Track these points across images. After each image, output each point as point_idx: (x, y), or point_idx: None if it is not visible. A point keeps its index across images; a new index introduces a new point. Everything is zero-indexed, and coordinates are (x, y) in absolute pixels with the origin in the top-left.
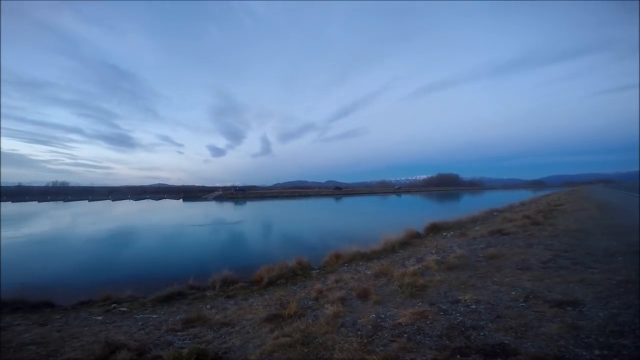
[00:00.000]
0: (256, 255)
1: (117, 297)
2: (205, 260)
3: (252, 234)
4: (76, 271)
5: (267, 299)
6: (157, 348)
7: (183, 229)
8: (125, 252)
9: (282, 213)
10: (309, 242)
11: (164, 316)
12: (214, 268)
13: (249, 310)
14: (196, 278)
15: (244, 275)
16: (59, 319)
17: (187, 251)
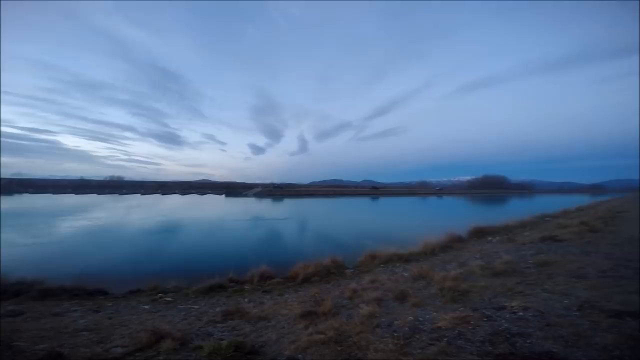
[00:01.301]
0: (292, 251)
1: (163, 288)
2: (244, 254)
3: (288, 231)
4: (128, 261)
5: (301, 295)
6: (198, 338)
7: (224, 223)
8: (172, 244)
9: (318, 211)
10: (343, 241)
11: (205, 307)
12: (252, 262)
13: (284, 305)
14: (235, 271)
15: (280, 271)
16: (111, 306)
17: (228, 245)
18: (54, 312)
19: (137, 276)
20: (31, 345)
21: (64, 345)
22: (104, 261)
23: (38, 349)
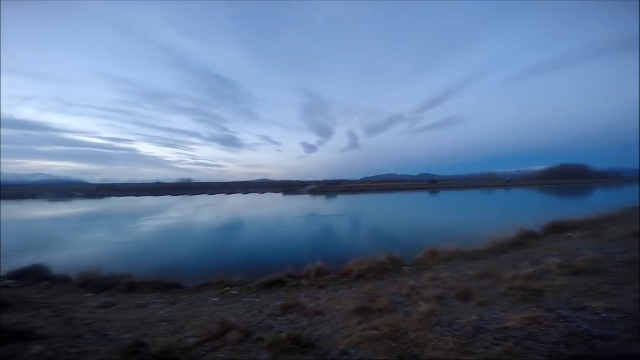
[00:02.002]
0: (346, 248)
1: (230, 282)
2: (301, 250)
3: (342, 227)
4: (198, 256)
5: (355, 291)
6: (260, 330)
7: (282, 220)
8: (236, 240)
9: (372, 207)
10: (400, 237)
11: (266, 301)
12: (308, 258)
13: (338, 301)
14: (293, 267)
15: (334, 267)
16: (185, 299)
17: (286, 241)
18: (138, 304)
19: (207, 270)
20: (120, 335)
21: (147, 335)
22: (178, 257)
23: (125, 338)
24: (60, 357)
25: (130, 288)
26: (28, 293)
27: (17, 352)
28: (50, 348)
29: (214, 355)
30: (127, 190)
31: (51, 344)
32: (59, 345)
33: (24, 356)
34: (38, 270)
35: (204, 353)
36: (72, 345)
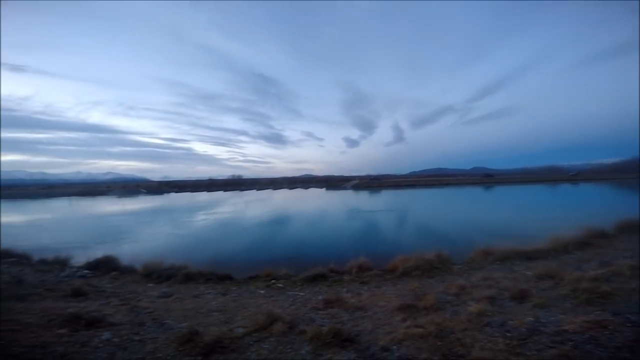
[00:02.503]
0: (390, 244)
1: (276, 275)
2: (344, 245)
3: (386, 223)
4: (248, 249)
5: (400, 288)
6: (302, 323)
7: (326, 215)
8: (283, 234)
9: (419, 202)
10: (449, 235)
11: (309, 295)
12: (351, 254)
13: (381, 297)
14: (336, 262)
15: (378, 263)
16: (235, 290)
17: (329, 236)
18: (193, 294)
19: (255, 263)
20: (176, 323)
21: (200, 324)
22: (229, 249)
23: (181, 326)
24: (124, 344)
25: (187, 279)
26: (100, 282)
27: (90, 338)
28: (117, 335)
29: (259, 345)
30: (184, 186)
31: (118, 331)
32: (125, 332)
33: (95, 342)
34: (109, 261)
35: (251, 343)
36: (135, 332)
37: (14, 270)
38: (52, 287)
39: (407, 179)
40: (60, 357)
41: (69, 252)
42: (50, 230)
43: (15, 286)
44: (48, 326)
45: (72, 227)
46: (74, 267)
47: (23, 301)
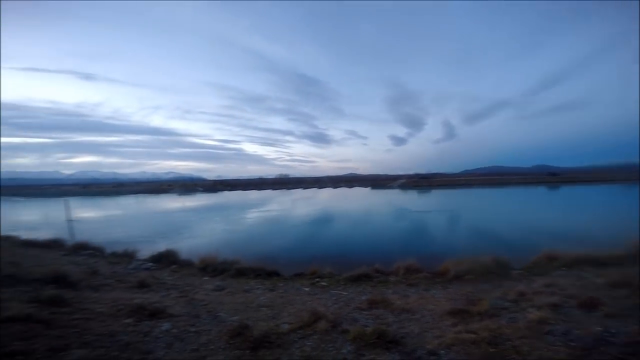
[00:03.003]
0: (441, 246)
1: (320, 273)
2: (390, 246)
3: (436, 224)
4: (294, 246)
5: (451, 292)
6: (346, 322)
7: (371, 214)
8: (327, 232)
9: (473, 203)
10: (508, 238)
11: (352, 294)
12: (397, 255)
13: (430, 300)
14: (381, 263)
15: (427, 265)
16: (282, 286)
17: (374, 236)
18: (244, 288)
19: (301, 260)
20: (228, 316)
21: (249, 318)
22: (277, 245)
23: (232, 320)
24: (182, 335)
25: (239, 273)
26: (161, 275)
27: (152, 328)
28: (175, 326)
29: (303, 342)
30: (236, 185)
31: (176, 322)
32: (182, 324)
33: (156, 332)
34: (170, 255)
35: (295, 340)
36: (192, 324)
37: (90, 261)
38: (121, 279)
39: (460, 177)
40: (125, 346)
41: (135, 246)
42: (121, 225)
43: (90, 277)
44: (116, 316)
45: (139, 222)
46: (139, 260)
47: (97, 291)
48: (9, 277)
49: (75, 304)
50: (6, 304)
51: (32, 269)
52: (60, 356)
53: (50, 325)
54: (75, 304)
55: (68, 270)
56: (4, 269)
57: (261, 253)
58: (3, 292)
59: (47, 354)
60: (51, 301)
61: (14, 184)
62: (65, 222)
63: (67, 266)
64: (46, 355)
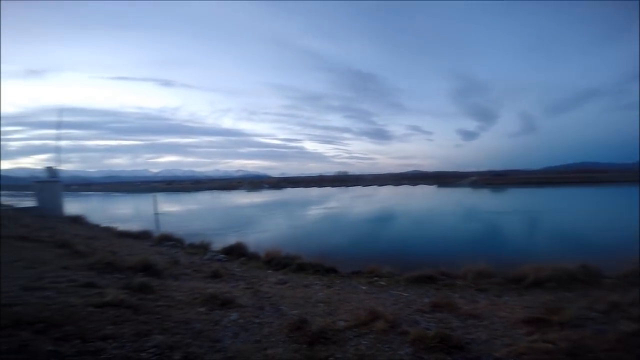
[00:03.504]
0: (517, 250)
1: (379, 272)
2: (458, 248)
3: (513, 225)
4: (352, 243)
5: (527, 299)
6: (405, 324)
7: (436, 214)
8: (387, 231)
9: (557, 203)
10: (600, 243)
11: (413, 296)
12: (466, 258)
13: (502, 307)
14: (448, 265)
15: (500, 270)
16: (339, 283)
17: (440, 236)
18: (303, 283)
19: (359, 258)
20: (289, 310)
21: (308, 313)
22: (335, 242)
23: (292, 313)
24: (247, 325)
25: (299, 268)
26: (231, 266)
27: (221, 317)
28: (242, 316)
29: (358, 340)
30: (297, 182)
31: (243, 313)
32: (248, 315)
33: (225, 322)
34: (239, 248)
35: (351, 337)
36: (256, 315)
37: (172, 252)
38: (197, 268)
39: (541, 175)
40: (198, 333)
41: (209, 238)
42: (197, 219)
43: (172, 266)
44: (192, 304)
45: (213, 216)
46: (213, 252)
47: (177, 280)
48: (108, 264)
49: (159, 291)
50: (104, 290)
51: (125, 258)
52: (143, 341)
53: (137, 311)
54: (159, 291)
55: (154, 260)
56: (105, 258)
57: (320, 249)
58: (104, 278)
59: (132, 339)
60: (140, 288)
61: (112, 181)
62: (152, 216)
63: (154, 256)
64: (132, 339)
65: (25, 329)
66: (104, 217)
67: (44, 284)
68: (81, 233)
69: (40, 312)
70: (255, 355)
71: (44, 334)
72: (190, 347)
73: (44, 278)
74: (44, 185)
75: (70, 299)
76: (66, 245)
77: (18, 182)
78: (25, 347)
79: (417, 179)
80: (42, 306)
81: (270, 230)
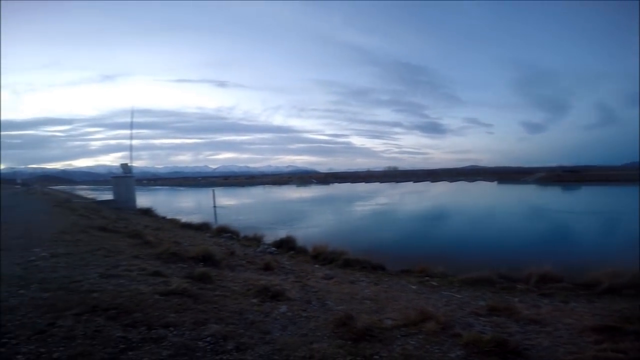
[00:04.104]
0: (590, 253)
1: (430, 272)
2: (520, 249)
3: (587, 227)
4: (401, 241)
5: (598, 307)
6: (458, 326)
7: (497, 213)
8: (440, 229)
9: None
10: None
11: (467, 298)
12: (530, 260)
13: (568, 313)
14: (508, 267)
15: (568, 274)
16: (387, 281)
17: (501, 237)
18: (350, 279)
19: (408, 256)
20: (335, 305)
21: (353, 309)
22: (383, 239)
23: (338, 309)
24: (295, 319)
25: (346, 264)
26: (281, 259)
27: (272, 309)
28: (290, 309)
29: (406, 340)
30: (345, 177)
31: (291, 306)
32: (296, 308)
33: (275, 314)
34: (289, 241)
35: (398, 337)
36: (304, 309)
37: (228, 243)
38: (251, 260)
39: (623, 171)
40: (250, 324)
41: (262, 231)
42: (251, 212)
43: (229, 257)
44: (246, 295)
45: (265, 210)
46: (265, 244)
47: (233, 270)
48: (173, 254)
49: (217, 281)
50: (169, 279)
51: (188, 248)
52: (200, 330)
53: (197, 300)
54: (217, 281)
55: (213, 251)
56: (171, 248)
57: (367, 246)
58: (169, 267)
59: (191, 327)
60: (201, 278)
61: (176, 176)
62: (211, 209)
63: (212, 247)
64: (190, 327)
65: (100, 315)
66: (169, 210)
67: (119, 271)
68: (150, 224)
69: (114, 299)
70: (301, 348)
71: (115, 320)
72: (242, 337)
73: (118, 266)
74: (120, 180)
75: (140, 286)
76: (138, 235)
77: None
78: (99, 333)
79: (475, 175)
80: (116, 293)
81: (318, 225)
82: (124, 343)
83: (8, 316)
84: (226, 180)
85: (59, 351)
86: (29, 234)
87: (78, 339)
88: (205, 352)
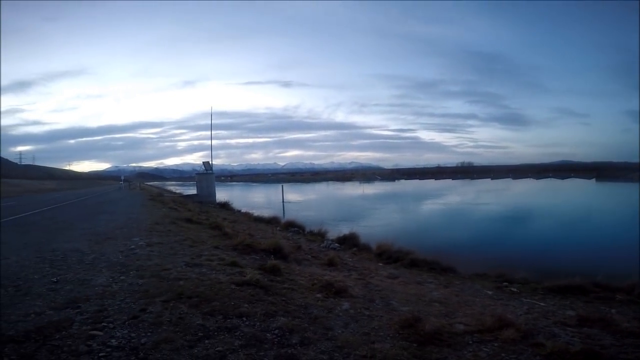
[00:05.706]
0: None
1: (510, 277)
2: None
3: None
4: (475, 243)
5: None
6: (540, 336)
7: (594, 214)
8: (522, 232)
9: None
10: None
11: (553, 307)
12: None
13: None
14: (605, 275)
15: None
16: (458, 284)
17: (597, 242)
18: (416, 280)
19: (483, 260)
20: (400, 306)
21: (420, 311)
22: (454, 240)
23: (403, 310)
24: (357, 317)
25: (412, 264)
26: (344, 256)
27: (335, 305)
28: (353, 307)
29: (479, 347)
30: (412, 173)
31: (354, 303)
32: (359, 306)
33: (337, 310)
34: (352, 238)
35: (470, 342)
36: (366, 307)
37: (295, 237)
38: (316, 255)
39: None
40: (314, 319)
41: (325, 227)
42: (316, 208)
43: (296, 251)
44: (311, 289)
45: (329, 205)
46: (329, 240)
47: (299, 264)
48: (248, 246)
49: (286, 274)
50: (244, 270)
51: (260, 241)
52: (269, 322)
53: (268, 292)
54: (285, 274)
55: (282, 244)
56: (245, 240)
57: (436, 246)
58: (244, 258)
59: (262, 318)
60: (271, 270)
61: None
62: (280, 203)
63: (281, 240)
64: (261, 319)
65: (185, 302)
66: (243, 204)
67: (201, 261)
68: (227, 217)
69: (197, 287)
70: (363, 347)
71: (197, 307)
72: (307, 332)
73: (201, 256)
74: (202, 177)
75: (219, 276)
76: (218, 227)
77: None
78: (182, 320)
79: (566, 171)
80: (198, 281)
81: (382, 222)
82: (202, 331)
83: (109, 301)
84: (292, 176)
85: (146, 336)
86: (130, 224)
87: (164, 324)
88: (273, 344)
